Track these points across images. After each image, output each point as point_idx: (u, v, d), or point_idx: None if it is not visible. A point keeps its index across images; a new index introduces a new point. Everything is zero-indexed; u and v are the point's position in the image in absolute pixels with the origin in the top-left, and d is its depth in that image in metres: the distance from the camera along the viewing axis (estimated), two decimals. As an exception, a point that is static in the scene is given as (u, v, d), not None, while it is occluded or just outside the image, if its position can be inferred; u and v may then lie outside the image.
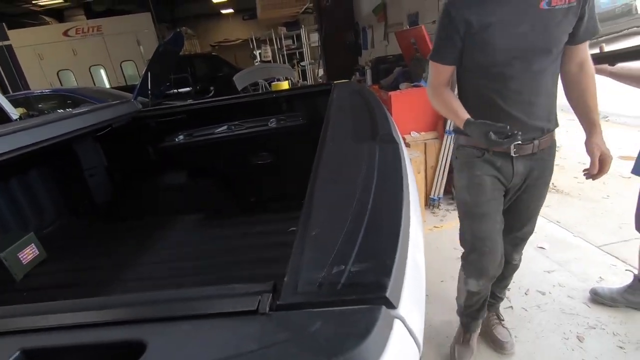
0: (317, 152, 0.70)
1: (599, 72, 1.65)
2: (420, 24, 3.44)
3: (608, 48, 1.62)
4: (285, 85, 2.74)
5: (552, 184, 3.44)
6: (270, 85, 5.59)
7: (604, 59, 1.54)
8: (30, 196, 1.78)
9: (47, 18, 11.75)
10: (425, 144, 3.16)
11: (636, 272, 1.89)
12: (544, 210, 2.97)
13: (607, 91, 2.51)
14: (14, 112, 1.96)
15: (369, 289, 0.27)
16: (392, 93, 3.13)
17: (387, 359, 0.22)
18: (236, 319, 0.27)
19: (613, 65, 1.57)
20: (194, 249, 1.66)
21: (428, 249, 2.71)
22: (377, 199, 0.42)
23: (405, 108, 3.14)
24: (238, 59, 13.04)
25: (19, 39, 9.51)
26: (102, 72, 10.63)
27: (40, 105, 5.64)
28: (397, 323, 0.25)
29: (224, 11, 14.23)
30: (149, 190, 1.94)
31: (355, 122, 0.84)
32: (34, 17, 11.49)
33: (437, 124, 3.21)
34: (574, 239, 2.59)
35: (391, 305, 0.26)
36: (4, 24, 9.07)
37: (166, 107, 2.04)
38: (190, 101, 6.74)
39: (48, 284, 1.48)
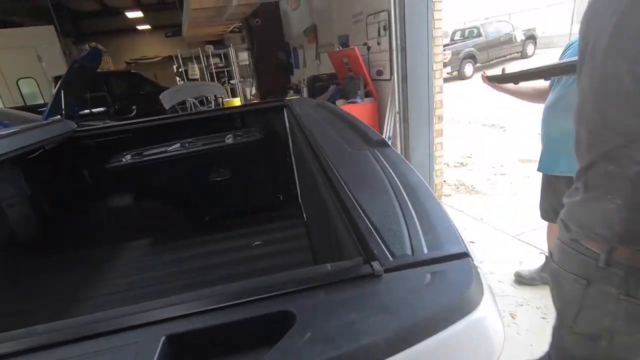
0: (316, 161, 0.76)
1: (503, 90, 1.99)
2: (351, 46, 3.72)
3: (497, 70, 1.95)
4: (237, 101, 2.73)
5: (471, 186, 3.93)
6: (200, 104, 5.43)
7: (510, 79, 1.85)
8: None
9: None
10: (364, 155, 3.37)
11: (547, 253, 2.26)
12: (469, 209, 3.38)
13: (505, 107, 2.98)
14: None
15: (451, 248, 0.33)
16: (331, 109, 3.30)
17: (486, 296, 0.29)
18: (359, 282, 0.31)
19: (517, 84, 1.90)
20: (146, 275, 1.56)
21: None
22: (408, 188, 0.49)
23: (344, 123, 3.33)
24: (159, 77, 12.37)
25: None
26: (-7, 90, 9.21)
27: None
28: (479, 270, 0.32)
29: (140, 27, 13.45)
30: (89, 218, 1.77)
31: (339, 132, 0.92)
32: None
33: (373, 137, 3.46)
34: (495, 232, 2.99)
35: (471, 258, 0.33)
36: None
37: (109, 126, 1.89)
38: (108, 121, 6.19)
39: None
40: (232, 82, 8.17)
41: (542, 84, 1.93)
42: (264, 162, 1.78)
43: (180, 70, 8.12)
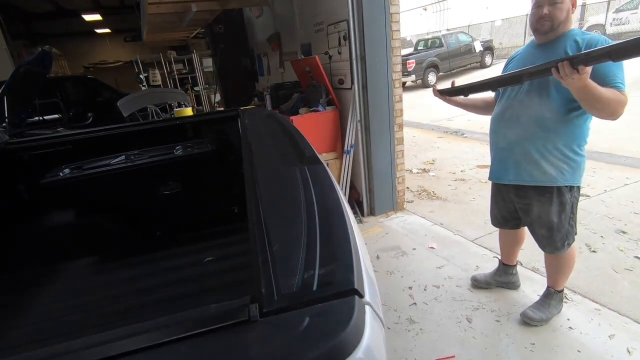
0: (247, 177, 0.73)
1: (454, 103, 2.06)
2: (314, 54, 3.73)
3: (457, 81, 2.02)
4: (189, 111, 2.64)
5: (433, 192, 4.03)
6: (162, 112, 5.24)
7: (459, 92, 1.92)
8: None
9: None
10: (327, 163, 3.36)
11: (499, 257, 2.34)
12: (430, 215, 3.46)
13: (466, 114, 3.09)
14: None
15: (340, 285, 0.32)
16: (293, 117, 3.28)
17: (367, 337, 0.27)
18: (232, 330, 0.28)
19: (466, 96, 1.97)
20: (91, 297, 1.45)
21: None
22: (323, 212, 0.47)
23: (306, 131, 3.27)
24: (120, 83, 11.86)
25: None
26: None
27: None
28: (367, 308, 0.31)
29: (99, 30, 12.87)
30: (23, 237, 1.63)
31: (278, 147, 0.90)
32: None
33: (336, 145, 3.48)
34: (454, 236, 3.07)
35: (360, 295, 0.31)
36: None
37: (45, 137, 1.76)
38: (60, 129, 5.83)
39: None
40: (196, 88, 7.99)
41: (490, 96, 2.02)
42: (217, 173, 1.72)
43: (140, 76, 7.83)
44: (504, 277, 2.30)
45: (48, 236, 1.58)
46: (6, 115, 4.22)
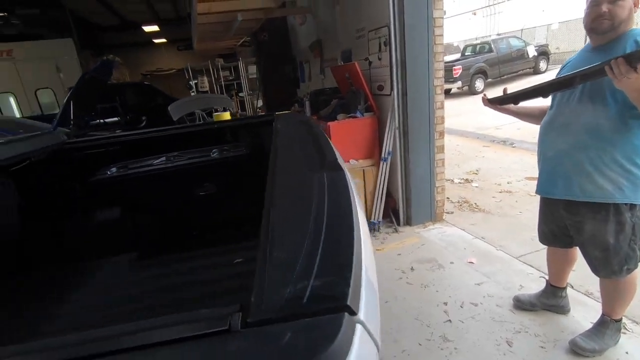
0: (268, 182, 0.73)
1: (506, 111, 1.93)
2: (354, 60, 3.72)
3: (510, 88, 1.90)
4: (226, 115, 2.74)
5: (475, 204, 3.83)
6: (208, 116, 5.50)
7: (509, 100, 1.80)
8: None
9: (-58, 39, 10.34)
10: (363, 170, 3.33)
11: (547, 277, 2.15)
12: (470, 228, 3.28)
13: (516, 122, 2.91)
14: None
15: (331, 300, 0.29)
16: (330, 123, 3.29)
17: (352, 358, 0.25)
18: (212, 339, 0.27)
19: (517, 104, 1.84)
20: (130, 291, 1.53)
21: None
22: (331, 220, 0.45)
23: (343, 137, 3.30)
24: (172, 89, 12.65)
25: None
26: (12, 100, 9.54)
27: None
28: (358, 327, 0.28)
29: (156, 40, 13.85)
30: (74, 231, 1.77)
31: (302, 152, 0.89)
32: None
33: (374, 152, 3.42)
34: (497, 252, 2.89)
35: (352, 312, 0.29)
36: None
37: (97, 138, 1.91)
38: (119, 132, 6.32)
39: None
40: (240, 94, 8.29)
41: (546, 104, 1.86)
42: (251, 176, 1.75)
43: (190, 82, 8.29)
44: (551, 299, 2.11)
45: (94, 231, 1.70)
46: (72, 117, 4.68)
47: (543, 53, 12.74)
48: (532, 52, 12.28)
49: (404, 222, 3.46)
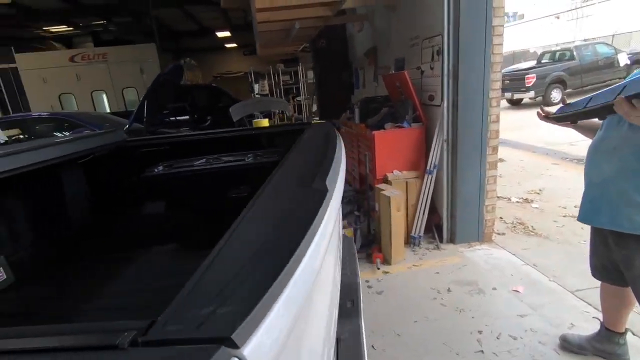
0: (256, 194, 0.76)
1: (566, 125, 1.75)
2: (406, 69, 3.63)
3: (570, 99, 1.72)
4: (265, 122, 2.86)
5: (532, 227, 3.50)
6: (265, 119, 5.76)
7: (566, 118, 1.63)
8: (5, 221, 1.81)
9: (56, 44, 12.18)
10: (406, 182, 3.24)
11: (600, 319, 1.90)
12: (522, 253, 3.01)
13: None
14: (1, 136, 2.03)
15: (217, 330, 0.31)
16: (375, 132, 3.25)
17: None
18: (100, 352, 0.31)
19: (575, 122, 1.67)
20: (168, 280, 1.67)
21: (405, 287, 2.71)
22: (277, 248, 0.47)
23: (387, 147, 3.25)
24: (239, 91, 13.45)
25: (26, 62, 9.83)
26: (104, 97, 10.90)
27: (37, 128, 5.73)
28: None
29: (227, 45, 14.83)
30: (125, 220, 1.97)
31: (307, 166, 0.91)
32: (43, 42, 11.90)
33: (419, 164, 3.31)
34: (549, 283, 2.61)
35: (234, 345, 0.30)
36: (12, 47, 9.41)
37: (150, 138, 2.11)
38: (185, 129, 6.86)
39: (9, 309, 1.48)
40: (298, 98, 8.53)
41: None
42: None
43: (252, 85, 8.73)
44: (605, 344, 1.85)
45: (140, 221, 1.89)
46: (145, 115, 5.21)
47: (638, 62, 11.22)
48: (623, 60, 10.88)
49: (447, 239, 3.29)
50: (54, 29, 11.06)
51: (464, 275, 2.79)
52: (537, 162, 5.74)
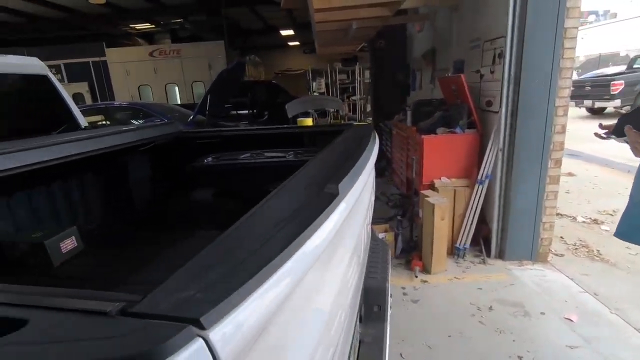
0: (272, 192, 0.80)
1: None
2: (465, 72, 3.47)
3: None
4: (308, 122, 2.92)
5: (597, 250, 3.15)
6: (319, 116, 5.87)
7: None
8: (81, 197, 2.08)
9: (140, 40, 13.51)
10: (454, 190, 3.10)
11: None
12: (581, 279, 2.74)
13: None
14: (83, 121, 2.33)
15: (189, 311, 0.35)
16: (425, 137, 3.15)
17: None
18: (94, 316, 0.37)
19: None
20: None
21: (442, 298, 2.61)
22: (275, 239, 0.50)
23: (437, 152, 3.13)
24: (298, 88, 13.78)
25: (113, 56, 11.04)
26: (176, 89, 11.86)
27: (117, 115, 6.44)
28: (198, 340, 0.33)
29: (290, 43, 15.25)
30: (178, 204, 2.16)
31: (332, 170, 0.93)
32: (128, 38, 13.26)
33: (470, 172, 3.14)
34: (610, 315, 2.35)
35: (200, 326, 0.34)
36: (103, 43, 10.62)
37: (202, 131, 2.28)
38: (244, 123, 7.20)
39: (76, 272, 1.70)
40: (353, 98, 8.51)
41: None
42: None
43: (310, 83, 8.89)
44: None
45: (191, 208, 2.05)
46: (207, 108, 5.60)
47: None
48: None
49: (495, 254, 3.09)
50: (139, 26, 12.26)
51: (510, 295, 2.61)
52: (613, 179, 5.13)
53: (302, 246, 0.50)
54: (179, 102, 11.32)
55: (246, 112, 8.56)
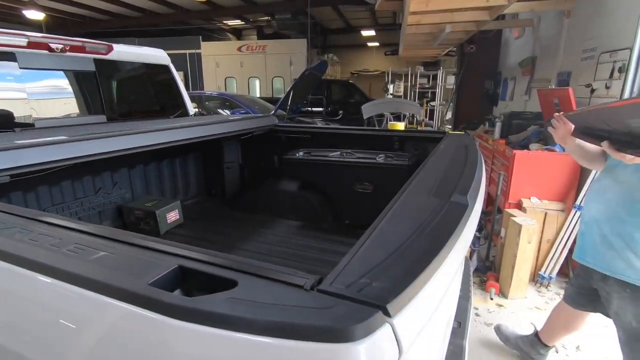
0: (397, 195, 0.82)
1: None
2: (571, 85, 3.15)
3: None
4: (400, 126, 2.88)
5: None
6: (395, 119, 5.78)
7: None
8: (183, 174, 2.32)
9: (230, 35, 14.55)
10: (545, 213, 2.85)
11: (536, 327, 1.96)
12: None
13: None
14: (191, 109, 2.59)
15: (376, 298, 0.38)
16: (517, 152, 2.94)
17: (366, 343, 0.34)
18: (292, 288, 0.42)
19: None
20: (286, 249, 1.92)
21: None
22: (423, 239, 0.52)
23: (528, 170, 2.90)
24: (372, 90, 13.69)
25: (207, 49, 12.02)
26: (257, 83, 12.55)
27: (207, 103, 7.02)
28: (386, 325, 0.36)
29: (370, 44, 15.20)
30: (266, 191, 2.31)
31: (444, 175, 0.92)
32: (220, 33, 14.34)
33: (566, 196, 2.86)
34: None
35: (387, 313, 0.37)
36: (200, 37, 11.64)
37: (297, 126, 2.40)
38: (319, 120, 7.39)
39: (178, 240, 1.92)
40: (432, 103, 8.21)
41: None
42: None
43: (388, 85, 8.78)
44: (528, 348, 1.99)
45: (277, 196, 2.18)
46: (288, 104, 5.86)
47: None
48: None
49: (586, 289, 2.78)
50: (231, 22, 13.20)
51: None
52: None
53: (452, 247, 0.51)
54: (258, 95, 11.97)
55: (321, 109, 8.75)
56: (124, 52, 2.16)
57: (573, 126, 1.37)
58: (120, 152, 1.44)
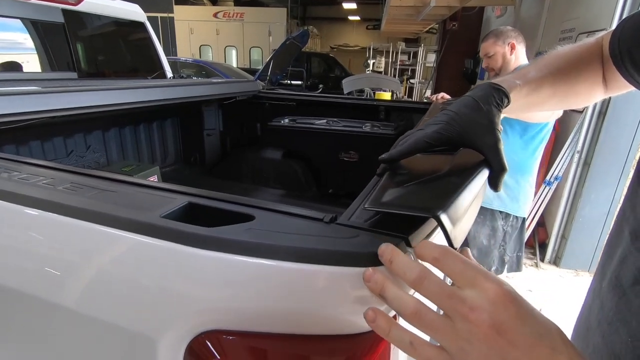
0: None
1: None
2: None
3: None
4: (387, 96, 2.87)
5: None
6: (373, 94, 5.77)
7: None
8: (161, 140, 2.23)
9: (205, 0, 13.77)
10: (517, 188, 2.98)
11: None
12: None
13: None
14: (170, 71, 2.46)
15: (397, 229, 0.39)
16: (494, 128, 3.02)
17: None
18: (311, 221, 0.42)
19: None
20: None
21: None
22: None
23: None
24: (352, 65, 13.53)
25: (180, 13, 11.35)
26: (234, 52, 12.07)
27: (182, 70, 6.70)
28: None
29: (351, 17, 14.89)
30: (247, 159, 2.26)
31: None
32: (195, -2, 13.54)
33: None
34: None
35: (408, 244, 0.38)
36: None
37: (281, 93, 2.34)
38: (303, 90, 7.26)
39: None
40: (412, 80, 8.24)
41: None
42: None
43: (368, 61, 8.69)
44: None
45: (260, 164, 2.15)
46: (268, 74, 5.69)
47: None
48: None
49: (550, 260, 2.98)
50: (205, -14, 12.46)
51: (562, 302, 2.53)
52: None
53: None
54: (235, 65, 11.55)
55: (300, 83, 8.58)
56: (95, 3, 1.99)
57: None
58: (97, 107, 1.35)
